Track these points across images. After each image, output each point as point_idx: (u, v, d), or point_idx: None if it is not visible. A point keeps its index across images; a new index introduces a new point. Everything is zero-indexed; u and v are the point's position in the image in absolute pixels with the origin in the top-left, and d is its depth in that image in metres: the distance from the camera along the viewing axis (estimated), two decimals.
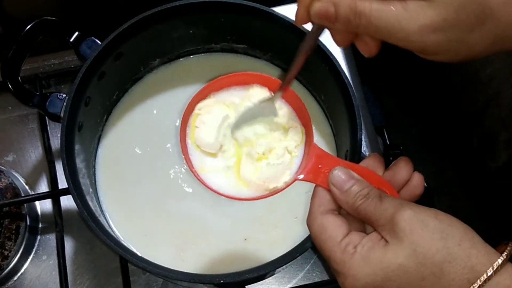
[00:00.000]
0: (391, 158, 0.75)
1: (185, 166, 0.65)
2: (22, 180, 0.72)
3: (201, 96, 0.51)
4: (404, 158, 0.44)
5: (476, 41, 0.35)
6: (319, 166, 0.44)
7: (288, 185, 0.46)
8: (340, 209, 0.42)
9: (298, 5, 0.39)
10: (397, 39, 0.36)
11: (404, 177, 0.43)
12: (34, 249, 0.69)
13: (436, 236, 0.35)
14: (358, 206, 0.39)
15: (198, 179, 0.48)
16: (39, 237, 0.69)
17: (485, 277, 0.34)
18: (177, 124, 0.68)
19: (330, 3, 0.37)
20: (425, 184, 0.45)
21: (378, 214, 0.38)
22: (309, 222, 0.41)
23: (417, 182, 0.43)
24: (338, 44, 0.41)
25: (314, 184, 0.44)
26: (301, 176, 0.45)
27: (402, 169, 0.43)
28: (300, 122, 0.50)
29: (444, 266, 0.35)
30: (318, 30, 0.40)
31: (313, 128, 0.49)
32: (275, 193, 0.46)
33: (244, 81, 0.51)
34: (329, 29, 0.40)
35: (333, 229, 0.39)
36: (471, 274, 0.34)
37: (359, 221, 0.41)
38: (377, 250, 0.37)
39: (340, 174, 0.41)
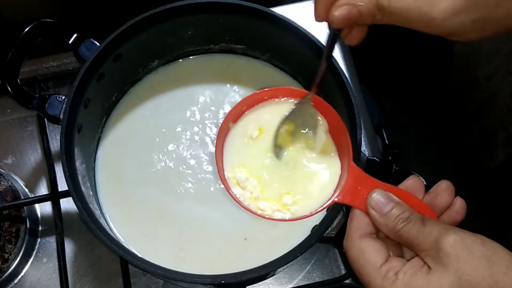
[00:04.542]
0: (390, 158, 0.75)
1: (185, 167, 0.66)
2: (21, 183, 0.72)
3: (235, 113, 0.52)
4: (445, 182, 0.42)
5: (503, 15, 0.33)
6: (358, 188, 0.43)
7: (325, 207, 0.45)
8: (378, 233, 0.41)
9: (315, 4, 0.39)
10: (420, 26, 0.35)
11: (445, 201, 0.42)
12: (34, 252, 0.69)
13: (482, 263, 0.34)
14: (399, 230, 0.38)
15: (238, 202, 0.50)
16: (39, 239, 0.69)
17: None
18: (176, 127, 0.68)
19: (350, 5, 0.36)
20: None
21: (421, 238, 0.37)
22: (347, 246, 0.40)
23: (460, 207, 0.41)
24: (353, 42, 0.42)
25: None
26: (339, 198, 0.44)
27: (444, 193, 0.42)
28: (335, 144, 0.50)
29: None
30: (335, 35, 0.41)
31: None
32: (309, 216, 0.47)
33: (273, 96, 0.51)
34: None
35: (372, 254, 0.38)
36: None
37: (397, 245, 0.40)
38: (420, 277, 0.36)
39: (379, 196, 0.40)
